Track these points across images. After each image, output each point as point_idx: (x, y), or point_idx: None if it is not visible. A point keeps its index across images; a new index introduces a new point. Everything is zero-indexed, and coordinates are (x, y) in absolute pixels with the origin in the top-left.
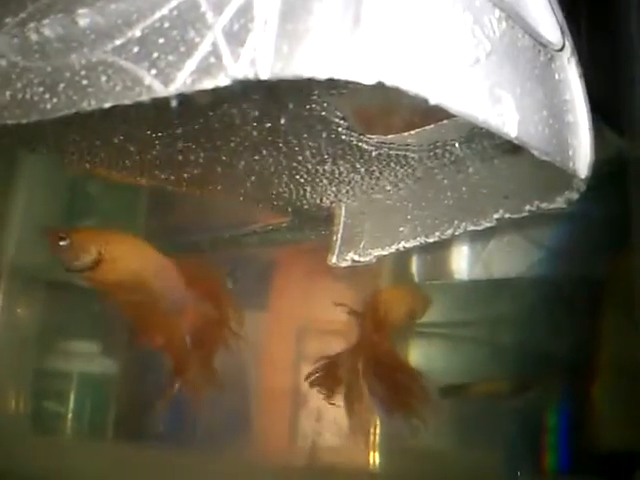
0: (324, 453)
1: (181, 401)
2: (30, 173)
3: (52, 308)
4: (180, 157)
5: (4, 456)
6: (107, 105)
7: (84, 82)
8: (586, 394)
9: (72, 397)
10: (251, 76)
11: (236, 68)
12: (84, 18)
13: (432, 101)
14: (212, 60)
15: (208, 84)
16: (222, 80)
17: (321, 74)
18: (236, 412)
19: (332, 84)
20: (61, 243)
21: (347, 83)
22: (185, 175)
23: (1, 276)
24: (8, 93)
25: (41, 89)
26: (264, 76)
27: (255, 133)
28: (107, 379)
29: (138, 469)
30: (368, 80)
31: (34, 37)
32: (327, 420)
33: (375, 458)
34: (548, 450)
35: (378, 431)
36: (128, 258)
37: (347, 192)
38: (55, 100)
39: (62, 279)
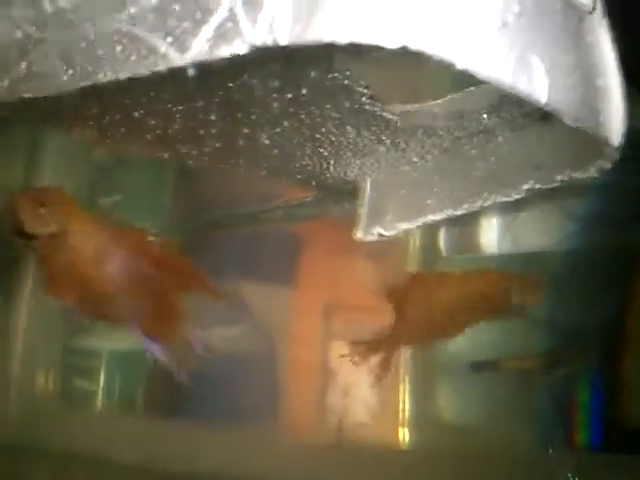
0: (352, 429)
1: (209, 378)
2: (52, 153)
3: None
4: (201, 131)
5: (36, 433)
6: (123, 75)
7: (99, 52)
8: (617, 369)
9: (102, 374)
10: (269, 42)
11: (254, 34)
12: None
13: (458, 66)
14: (229, 26)
15: (225, 51)
16: (239, 46)
17: (342, 38)
18: (264, 389)
19: (354, 50)
20: (41, 210)
21: (370, 49)
22: (206, 149)
23: (28, 260)
24: (24, 65)
25: (56, 60)
26: (283, 42)
27: (276, 104)
28: (136, 356)
29: (167, 445)
30: (391, 44)
31: (49, 8)
32: (355, 396)
33: (405, 434)
34: (580, 426)
35: (407, 407)
36: (83, 242)
37: (372, 164)
38: (71, 72)
39: None
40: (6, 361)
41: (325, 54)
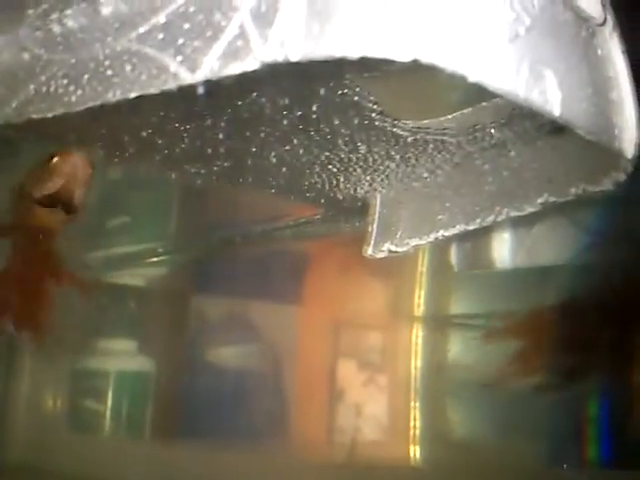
0: (363, 447)
1: (219, 398)
2: None
3: (88, 307)
4: (209, 150)
5: (43, 454)
6: (133, 95)
7: (109, 72)
8: (628, 383)
9: (110, 395)
10: (281, 58)
11: (265, 50)
12: (107, 7)
13: (470, 79)
14: (239, 43)
15: (236, 68)
16: (250, 64)
17: (354, 53)
18: (274, 407)
19: (365, 66)
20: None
21: (380, 64)
22: (215, 168)
23: None
24: (32, 87)
25: (65, 81)
26: (294, 58)
27: (285, 122)
28: (144, 377)
29: (175, 467)
30: (403, 57)
31: (57, 29)
32: (366, 414)
33: (416, 451)
34: (590, 441)
35: (418, 424)
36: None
37: (382, 180)
38: (80, 92)
39: (97, 277)
40: (13, 383)
41: (335, 70)
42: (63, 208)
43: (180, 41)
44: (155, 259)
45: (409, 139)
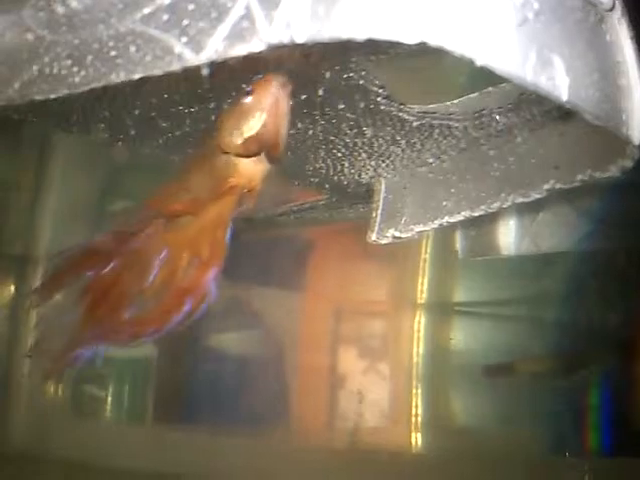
0: (366, 434)
1: (221, 384)
2: (63, 157)
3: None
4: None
5: (45, 439)
6: (137, 76)
7: (113, 53)
8: (630, 372)
9: (111, 381)
10: (286, 40)
11: (270, 32)
12: None
13: (478, 62)
14: (245, 24)
15: (241, 50)
16: (256, 45)
17: (360, 35)
18: (275, 394)
19: (371, 48)
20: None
21: (387, 46)
22: None
23: (38, 262)
24: (35, 68)
25: (69, 62)
26: (300, 39)
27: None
28: (146, 363)
29: (176, 452)
30: (410, 40)
31: (61, 9)
32: (368, 401)
33: (417, 438)
34: (591, 429)
35: (420, 411)
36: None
37: (387, 166)
38: (83, 73)
39: None
40: (17, 368)
41: (341, 52)
42: (267, 155)
43: (185, 22)
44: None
45: (415, 124)
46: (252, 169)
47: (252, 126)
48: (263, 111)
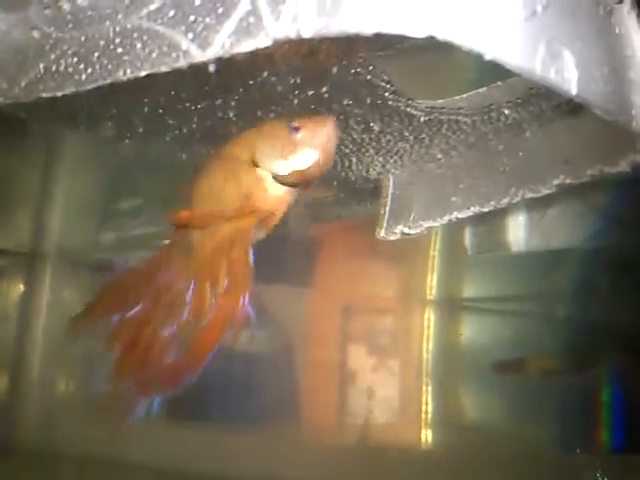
0: (375, 430)
1: (232, 381)
2: (71, 154)
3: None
4: (220, 130)
5: (56, 437)
6: (143, 73)
7: (119, 50)
8: None
9: None
10: (293, 35)
11: (277, 27)
12: None
13: (487, 56)
14: (251, 20)
15: (247, 46)
16: (262, 40)
17: (367, 29)
18: (284, 391)
19: (378, 43)
20: (292, 134)
21: (395, 40)
22: None
23: (47, 259)
24: (42, 65)
25: (75, 59)
26: (307, 34)
27: (297, 102)
28: None
29: (187, 448)
30: (418, 34)
31: (67, 6)
32: (378, 398)
33: (427, 435)
34: (602, 426)
35: (430, 408)
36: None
37: (395, 162)
38: (90, 70)
39: (107, 261)
40: (26, 365)
41: (348, 48)
42: (303, 185)
43: (191, 18)
44: (166, 241)
45: (423, 119)
46: (282, 196)
47: (302, 162)
48: (316, 150)
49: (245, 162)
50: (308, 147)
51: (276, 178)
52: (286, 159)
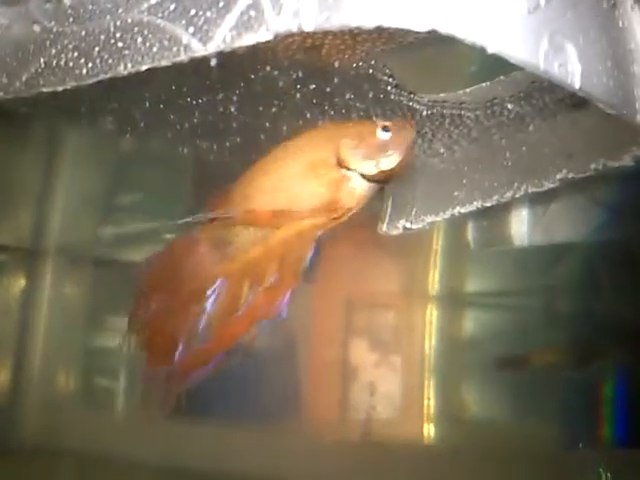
0: (378, 426)
1: (232, 377)
2: (73, 149)
3: (100, 285)
4: (221, 125)
5: (56, 432)
6: (144, 67)
7: (120, 44)
8: None
9: (122, 373)
10: (294, 29)
11: (278, 21)
12: None
13: (490, 50)
14: (252, 14)
15: (248, 40)
16: (263, 34)
17: (369, 22)
18: (287, 387)
19: (380, 37)
20: (380, 134)
21: (397, 34)
22: (227, 144)
23: (48, 255)
24: (42, 60)
25: (76, 54)
26: (308, 28)
27: (299, 96)
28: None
29: (189, 445)
30: (420, 27)
31: (67, 1)
32: (380, 394)
33: (430, 430)
34: (605, 422)
35: (432, 403)
36: None
37: None
38: (90, 65)
39: (108, 256)
40: (27, 361)
41: (350, 42)
42: (384, 182)
43: (192, 12)
44: (168, 236)
45: (425, 113)
46: (364, 194)
47: (389, 162)
48: (401, 153)
49: (327, 161)
50: (395, 148)
51: (370, 178)
52: (375, 159)
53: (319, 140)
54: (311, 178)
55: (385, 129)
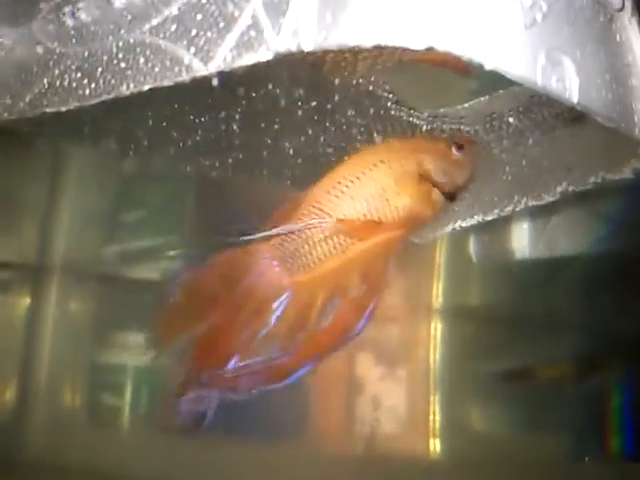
0: (383, 440)
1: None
2: (77, 167)
3: (105, 301)
4: (224, 142)
5: (61, 450)
6: (146, 87)
7: (122, 65)
8: None
9: (128, 390)
10: (294, 48)
11: (278, 40)
12: None
13: (487, 66)
14: (252, 34)
15: (249, 59)
16: (264, 54)
17: (367, 42)
18: (291, 401)
19: (380, 54)
20: (455, 151)
21: (396, 52)
22: (230, 160)
23: (54, 271)
24: (46, 81)
25: (79, 74)
26: (307, 47)
27: (300, 113)
28: (164, 372)
29: (194, 462)
30: (418, 45)
31: (70, 22)
32: (385, 407)
33: (435, 444)
34: (612, 434)
35: (438, 417)
36: None
37: None
38: (93, 85)
39: (114, 272)
40: (32, 378)
41: (349, 60)
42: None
43: (193, 32)
44: (172, 253)
45: (425, 128)
46: (441, 207)
47: (463, 179)
48: (471, 170)
49: (413, 174)
50: (467, 165)
51: (442, 192)
52: (451, 175)
53: (403, 153)
54: (402, 190)
55: (459, 147)
